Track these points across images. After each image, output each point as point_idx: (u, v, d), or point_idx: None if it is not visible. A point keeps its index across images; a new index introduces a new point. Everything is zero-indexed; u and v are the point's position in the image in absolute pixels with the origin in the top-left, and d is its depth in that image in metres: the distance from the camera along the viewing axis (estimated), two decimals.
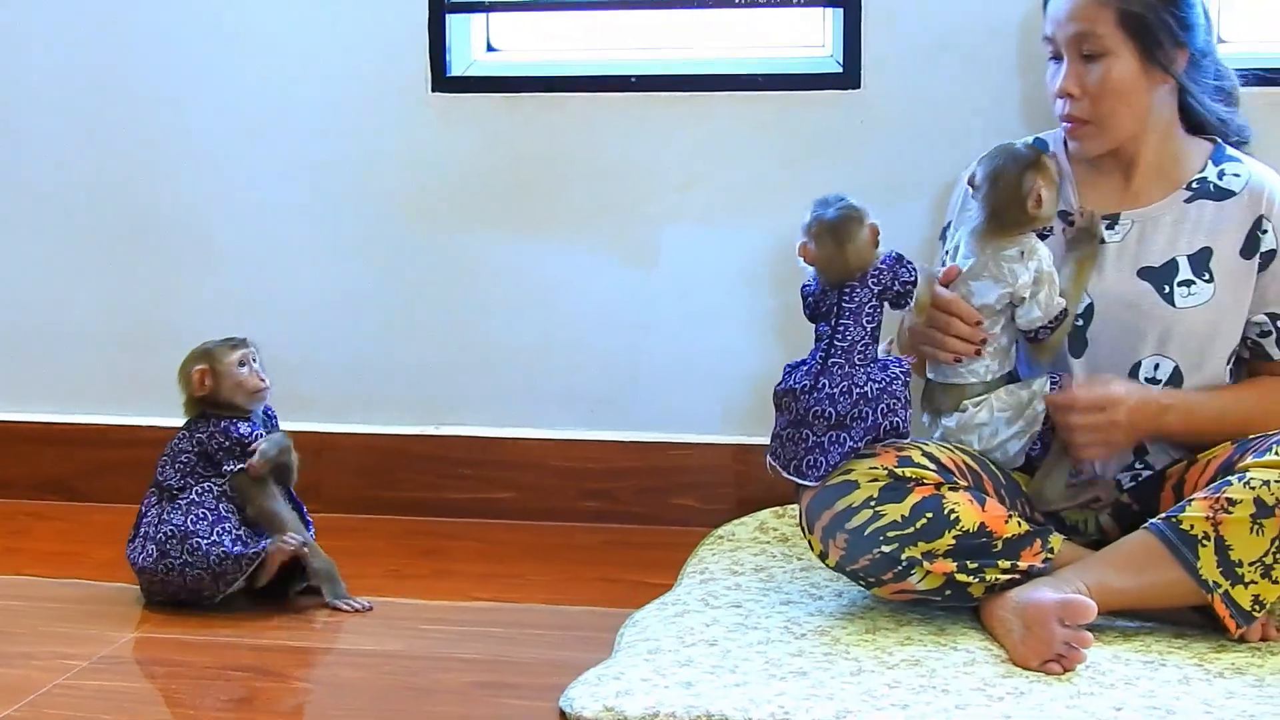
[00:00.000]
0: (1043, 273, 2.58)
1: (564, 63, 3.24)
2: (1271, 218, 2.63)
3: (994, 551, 2.44)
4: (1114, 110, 2.61)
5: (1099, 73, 2.59)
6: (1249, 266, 2.63)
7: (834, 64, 3.11)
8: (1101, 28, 2.57)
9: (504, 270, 3.24)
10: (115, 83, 3.33)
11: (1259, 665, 2.32)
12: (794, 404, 2.53)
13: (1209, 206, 2.65)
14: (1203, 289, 2.62)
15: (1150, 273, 2.64)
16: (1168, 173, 2.69)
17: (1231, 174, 2.67)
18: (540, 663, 2.45)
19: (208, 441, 2.75)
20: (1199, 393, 2.62)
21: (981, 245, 2.61)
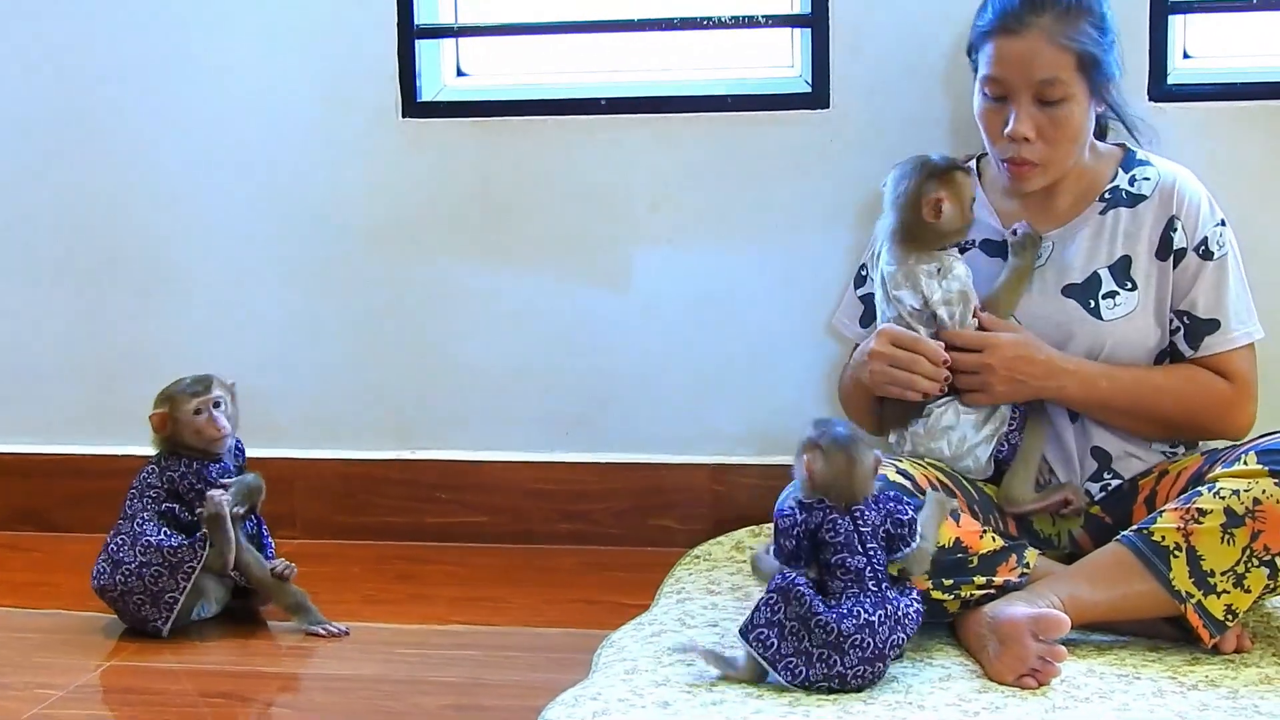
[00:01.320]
0: (954, 294, 2.61)
1: (534, 86, 3.26)
2: (1181, 216, 2.66)
3: (970, 568, 2.45)
4: (1068, 153, 2.65)
5: (1060, 118, 2.60)
6: (1164, 267, 2.67)
7: (803, 84, 3.13)
8: (1063, 73, 2.59)
9: (475, 294, 3.25)
10: (79, 113, 3.34)
11: (1232, 677, 2.33)
12: (867, 638, 2.28)
13: (1124, 214, 2.69)
14: (1127, 298, 2.66)
15: (1074, 289, 2.68)
16: (1083, 188, 2.72)
17: (1142, 178, 2.70)
18: (517, 685, 2.46)
19: (179, 481, 2.77)
20: (1116, 367, 2.64)
21: (902, 255, 2.64)
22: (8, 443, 3.46)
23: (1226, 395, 2.66)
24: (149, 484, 2.78)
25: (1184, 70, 3.02)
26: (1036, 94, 2.60)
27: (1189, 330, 2.67)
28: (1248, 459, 2.42)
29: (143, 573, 2.69)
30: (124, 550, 2.71)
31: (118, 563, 2.70)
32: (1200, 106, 2.98)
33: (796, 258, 3.14)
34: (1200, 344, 2.66)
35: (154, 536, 2.70)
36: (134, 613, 2.71)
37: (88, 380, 3.42)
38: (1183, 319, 2.67)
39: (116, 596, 2.71)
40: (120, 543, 2.72)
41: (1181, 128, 2.96)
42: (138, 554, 2.69)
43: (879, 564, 2.32)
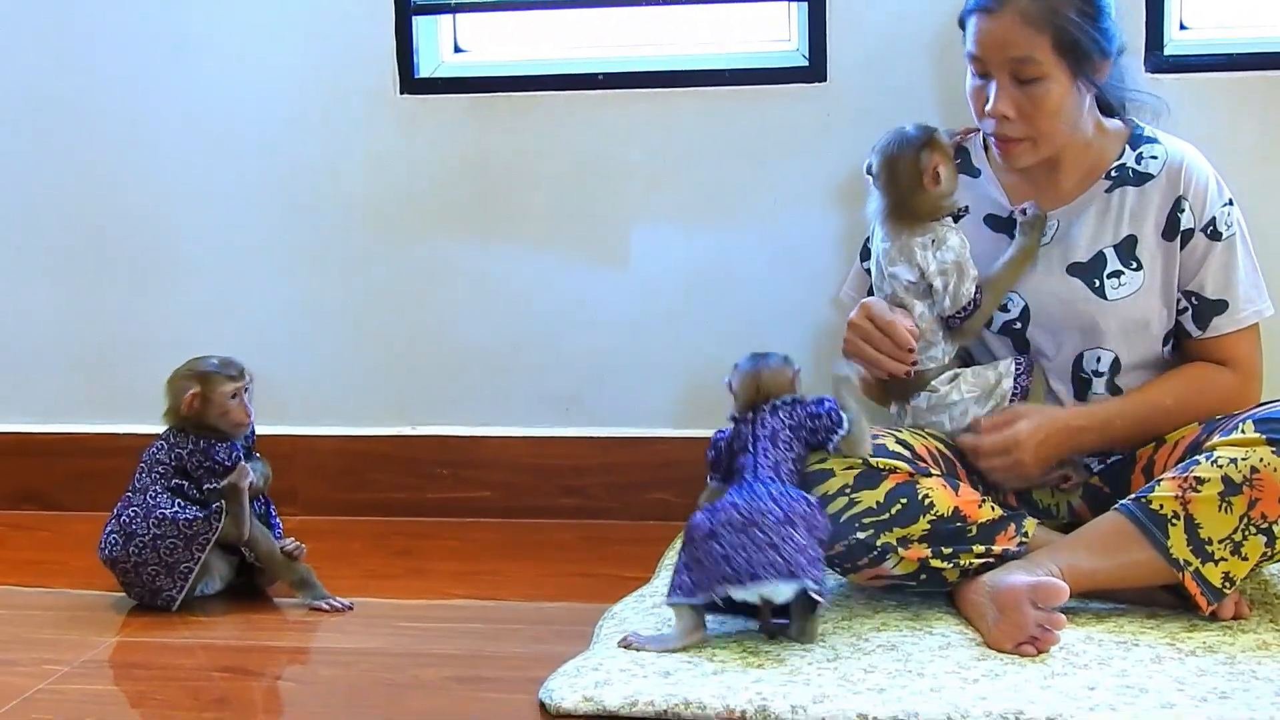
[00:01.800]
0: (949, 264, 2.62)
1: (531, 62, 3.26)
2: (1189, 196, 2.67)
3: (968, 536, 2.47)
4: (1050, 129, 2.64)
5: (1037, 96, 2.61)
6: (1171, 248, 2.67)
7: (800, 58, 3.14)
8: (1038, 53, 2.59)
9: (474, 271, 3.26)
10: (75, 95, 3.34)
11: (1230, 643, 2.35)
12: (733, 514, 2.37)
13: (1130, 193, 2.69)
14: (1132, 278, 2.66)
15: (1079, 268, 2.68)
16: (1088, 165, 2.72)
17: (1149, 156, 2.70)
18: (519, 657, 2.47)
19: (187, 459, 2.78)
20: (1117, 401, 2.66)
21: (896, 231, 2.65)
22: (8, 423, 3.47)
23: (1233, 389, 2.67)
24: (158, 459, 2.79)
25: (1181, 41, 3.03)
26: (1013, 73, 2.61)
27: (1197, 311, 2.67)
28: (1245, 427, 2.43)
29: (157, 544, 2.70)
30: (137, 522, 2.72)
31: (131, 534, 2.72)
32: (1197, 78, 2.98)
33: (794, 232, 3.15)
34: (1209, 325, 2.67)
35: (168, 509, 2.72)
36: (147, 584, 2.73)
37: (87, 360, 3.43)
38: (1191, 300, 2.68)
39: (129, 568, 2.73)
40: (133, 515, 2.74)
41: (1179, 99, 2.95)
42: (151, 526, 2.71)
43: (765, 462, 2.46)
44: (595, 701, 2.20)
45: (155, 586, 2.73)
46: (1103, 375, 2.69)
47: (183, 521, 2.71)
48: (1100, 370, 2.69)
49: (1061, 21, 2.57)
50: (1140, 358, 2.69)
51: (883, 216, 2.67)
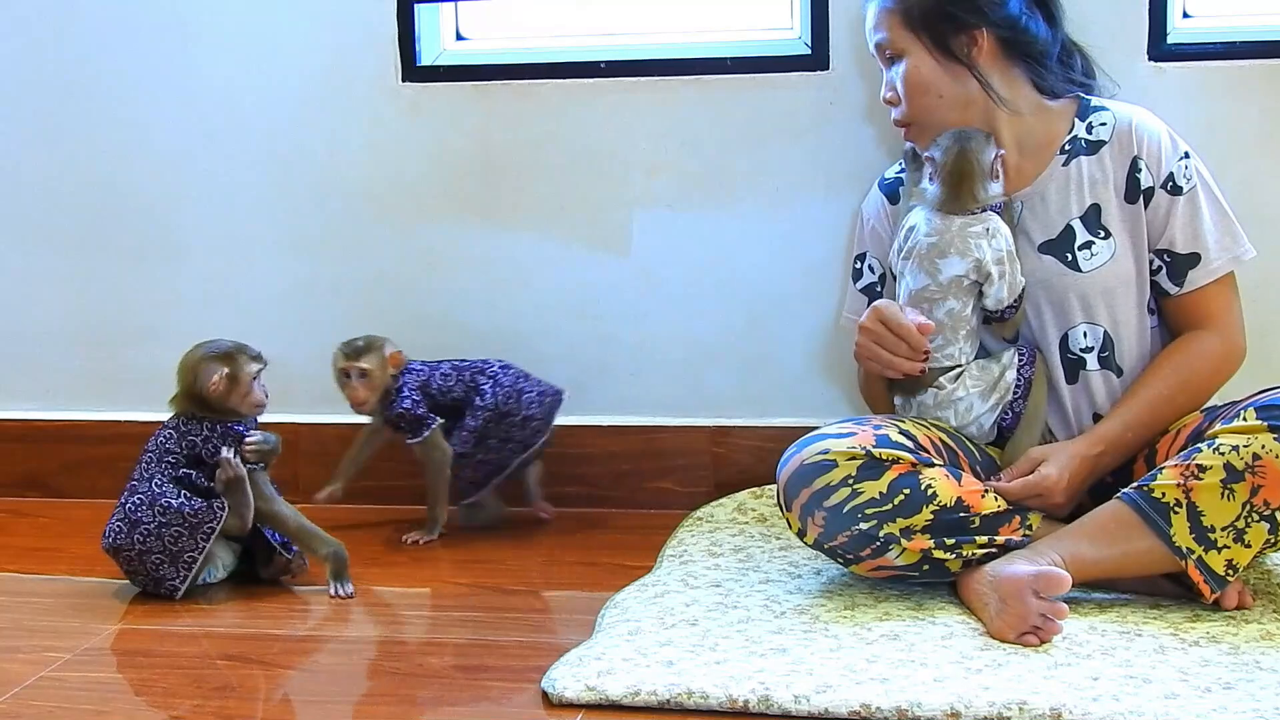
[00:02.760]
0: (1004, 254, 2.62)
1: (533, 50, 3.25)
2: (1144, 155, 2.67)
3: (972, 527, 2.47)
4: (924, 106, 2.69)
5: (903, 74, 2.68)
6: (1135, 210, 2.67)
7: (802, 46, 3.13)
8: (892, 32, 2.68)
9: (475, 259, 3.26)
10: (77, 80, 3.34)
11: (1233, 634, 2.35)
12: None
13: (1086, 162, 2.69)
14: (1102, 247, 2.67)
15: (1050, 245, 2.69)
16: (1039, 145, 2.72)
17: (1099, 124, 2.71)
18: (521, 646, 2.47)
19: (201, 445, 2.78)
20: (1121, 409, 2.65)
21: (946, 222, 2.65)
22: (9, 409, 3.47)
23: (1218, 353, 2.67)
24: (167, 448, 2.79)
25: (1184, 30, 3.02)
26: (886, 55, 2.71)
27: (1171, 268, 2.67)
28: (1247, 415, 2.42)
29: (162, 533, 2.70)
30: (141, 510, 2.72)
31: (135, 523, 2.71)
32: (1200, 66, 2.98)
33: (795, 220, 3.15)
34: (1184, 279, 2.67)
35: (173, 499, 2.72)
36: (151, 572, 2.72)
37: (88, 346, 3.43)
38: (1163, 258, 2.68)
39: (134, 556, 2.72)
40: (137, 503, 2.73)
41: (1182, 88, 2.96)
42: (156, 515, 2.71)
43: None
44: (598, 691, 2.20)
45: (159, 575, 2.72)
46: (1093, 351, 2.69)
47: (187, 511, 2.71)
48: (1090, 346, 2.69)
49: (911, 0, 2.66)
50: (1128, 327, 2.69)
51: (935, 205, 2.67)
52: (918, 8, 2.65)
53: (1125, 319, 2.68)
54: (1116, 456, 2.63)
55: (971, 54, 2.66)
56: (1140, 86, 2.88)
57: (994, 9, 2.66)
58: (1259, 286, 2.79)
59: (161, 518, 2.71)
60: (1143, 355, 2.70)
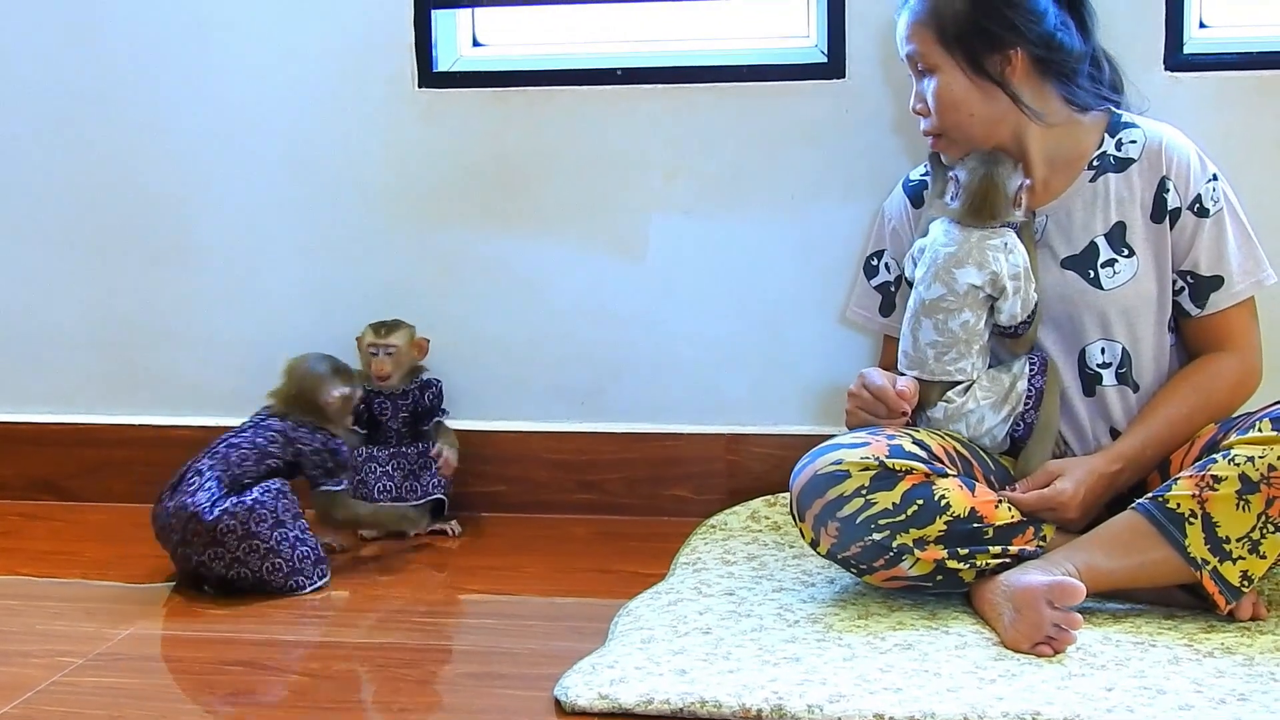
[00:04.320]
0: (1020, 269, 2.62)
1: (550, 57, 3.25)
2: (1172, 176, 2.66)
3: (985, 538, 2.46)
4: (955, 121, 2.67)
5: (933, 88, 2.67)
6: (1161, 230, 2.66)
7: (818, 54, 3.13)
8: (925, 47, 2.66)
9: (491, 263, 3.26)
10: (96, 83, 3.34)
11: (1248, 645, 2.34)
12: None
13: (1113, 180, 2.68)
14: (1125, 265, 2.66)
15: (1073, 261, 2.68)
16: (1067, 159, 2.71)
17: (1129, 141, 2.70)
18: (534, 653, 2.46)
19: (309, 455, 2.87)
20: (1140, 427, 2.64)
21: (965, 234, 2.64)
22: (25, 412, 3.47)
23: (1238, 374, 2.67)
24: (268, 451, 2.85)
25: (1200, 40, 3.02)
26: (916, 68, 2.70)
27: (1194, 290, 2.67)
28: (1262, 425, 2.41)
29: (267, 556, 2.75)
30: (261, 526, 2.75)
31: (251, 533, 2.74)
32: (1216, 76, 2.97)
33: (811, 227, 3.14)
34: (1207, 302, 2.66)
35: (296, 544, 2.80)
36: (226, 569, 2.75)
37: (104, 350, 3.43)
38: (1186, 279, 2.67)
39: (224, 552, 2.74)
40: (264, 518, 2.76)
41: (1198, 98, 2.96)
42: (273, 538, 2.76)
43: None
44: (610, 699, 2.19)
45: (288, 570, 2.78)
46: (1110, 367, 2.68)
47: (299, 554, 2.79)
48: (1108, 362, 2.68)
49: (945, 15, 2.64)
50: (1146, 344, 2.68)
51: (956, 216, 2.66)
52: (953, 25, 2.63)
53: (1144, 336, 2.68)
54: (1134, 474, 2.62)
55: (1005, 73, 2.64)
56: (1157, 96, 2.86)
57: (1030, 28, 2.64)
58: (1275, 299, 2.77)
59: (274, 544, 2.75)
60: (1160, 372, 2.69)
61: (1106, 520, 2.50)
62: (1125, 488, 2.62)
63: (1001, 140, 2.68)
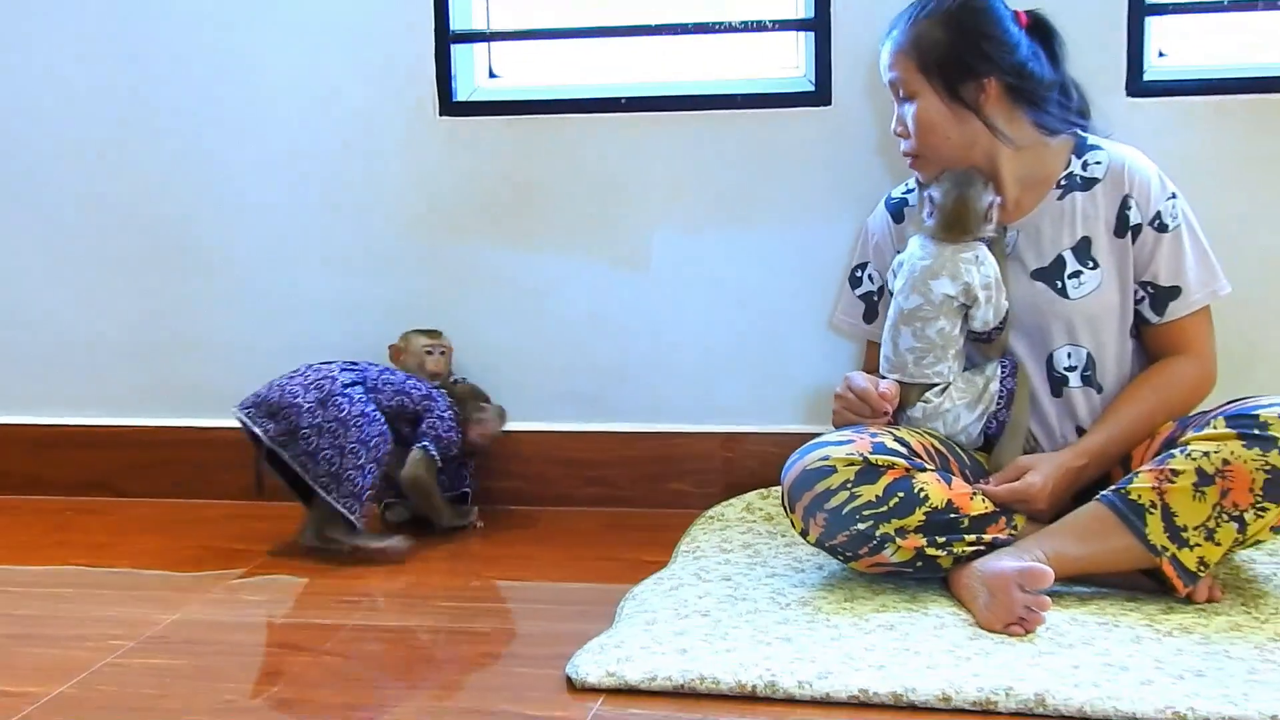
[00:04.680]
0: (991, 280, 2.63)
1: (560, 87, 3.26)
2: (1134, 194, 2.67)
3: (961, 527, 2.47)
4: (931, 144, 2.68)
5: (912, 112, 2.67)
6: (1123, 244, 2.67)
7: (807, 83, 3.14)
8: (907, 74, 2.67)
9: (506, 277, 3.27)
10: (139, 110, 3.35)
11: (1205, 625, 2.35)
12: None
13: (1079, 198, 2.69)
14: (1090, 276, 2.66)
15: (1042, 272, 2.69)
16: (1037, 179, 2.72)
17: (1094, 162, 2.70)
18: (547, 635, 2.48)
19: (434, 416, 3.06)
20: (1104, 425, 2.65)
21: (940, 248, 2.66)
22: (78, 416, 3.49)
23: (1194, 377, 2.68)
24: (406, 391, 3.04)
25: (1159, 68, 3.03)
26: (897, 93, 2.70)
27: (1153, 299, 2.68)
28: (1217, 423, 2.43)
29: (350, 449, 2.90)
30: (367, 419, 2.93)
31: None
32: (1175, 101, 2.98)
33: (801, 243, 3.15)
34: (1165, 310, 2.67)
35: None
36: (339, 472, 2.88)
37: (147, 359, 3.44)
38: (1147, 289, 2.68)
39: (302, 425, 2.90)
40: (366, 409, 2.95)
41: (1158, 122, 2.97)
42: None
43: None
44: (617, 676, 2.21)
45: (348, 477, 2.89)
46: (1076, 370, 2.69)
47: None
48: (1073, 365, 2.69)
49: (925, 45, 2.64)
50: (1109, 350, 2.69)
51: (929, 235, 2.67)
52: (932, 54, 2.64)
53: (1107, 342, 2.69)
54: (1098, 468, 2.63)
55: (979, 100, 2.65)
56: (1119, 120, 2.87)
57: (1003, 58, 2.65)
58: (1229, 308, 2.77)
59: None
60: (1122, 375, 2.71)
61: (1073, 510, 2.51)
62: (1090, 481, 2.62)
63: (975, 161, 2.69)
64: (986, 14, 2.66)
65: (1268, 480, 2.36)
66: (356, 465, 2.87)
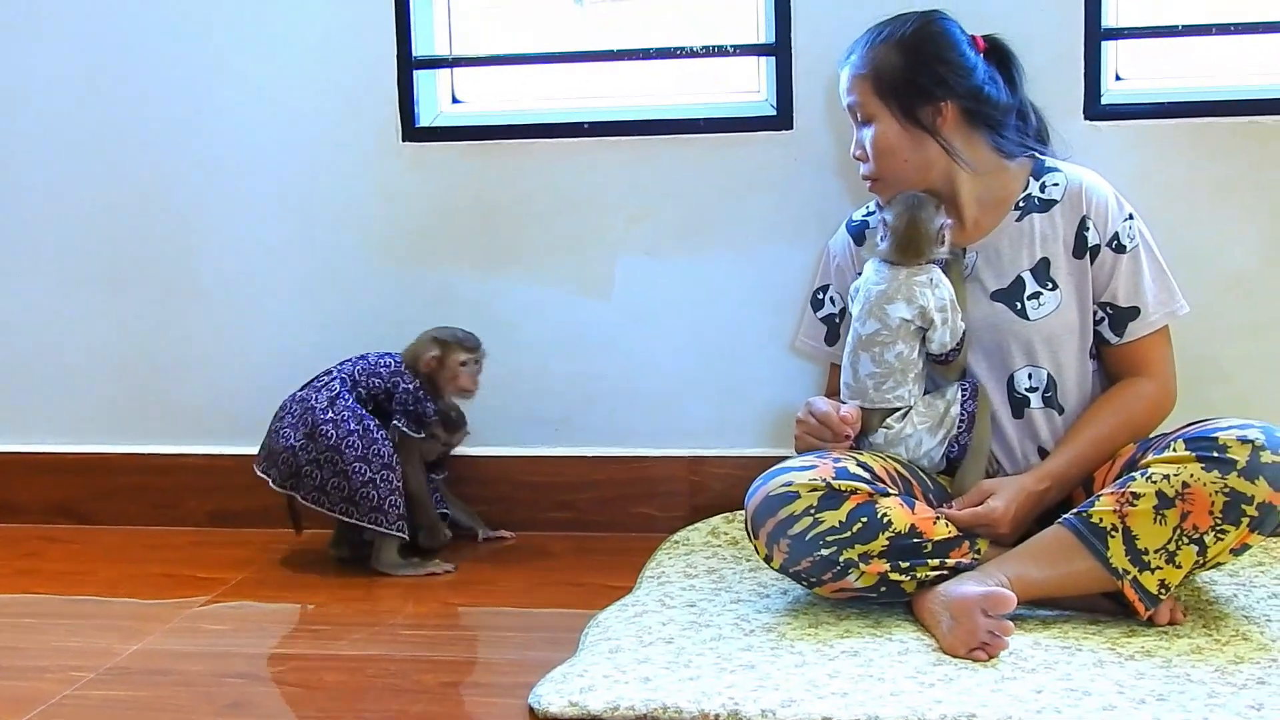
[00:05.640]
0: (946, 302, 2.60)
1: (522, 112, 3.23)
2: (1091, 215, 2.65)
3: (924, 552, 2.44)
4: (889, 166, 2.66)
5: (872, 137, 2.65)
6: (1082, 265, 2.65)
7: (768, 108, 3.11)
8: (864, 98, 2.65)
9: (471, 301, 3.23)
10: (109, 136, 3.31)
11: (1166, 648, 2.31)
12: None
13: (1038, 219, 2.67)
14: (1049, 297, 2.64)
15: (1001, 294, 2.66)
16: (995, 201, 2.70)
17: (1051, 184, 2.68)
18: (510, 663, 2.44)
19: (400, 393, 2.99)
20: (1066, 448, 2.62)
21: (894, 272, 2.63)
22: (44, 442, 3.43)
23: (1154, 397, 2.65)
24: (377, 372, 3.00)
25: (1116, 91, 3.01)
26: (856, 117, 2.68)
27: (1113, 319, 2.65)
28: (1176, 446, 2.40)
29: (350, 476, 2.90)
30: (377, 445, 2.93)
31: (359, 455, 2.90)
32: (1132, 125, 2.96)
33: (763, 266, 3.12)
34: (1124, 330, 2.65)
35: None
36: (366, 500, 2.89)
37: (117, 382, 3.39)
38: (1106, 310, 2.66)
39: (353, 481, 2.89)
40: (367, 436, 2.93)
41: (1115, 144, 2.95)
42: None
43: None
44: (580, 706, 2.16)
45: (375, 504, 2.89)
46: (1037, 391, 2.66)
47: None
48: (1034, 387, 2.66)
49: (882, 69, 2.63)
50: (1069, 371, 2.67)
51: (883, 259, 2.64)
52: (888, 78, 2.62)
53: (1068, 363, 2.66)
54: (1060, 491, 2.60)
55: (936, 123, 2.63)
56: (1077, 143, 2.85)
57: (959, 82, 2.63)
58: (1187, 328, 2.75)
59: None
60: (1083, 396, 2.68)
61: (1035, 534, 2.48)
62: (1053, 504, 2.59)
63: (933, 183, 2.66)
64: (943, 39, 2.64)
65: (1227, 503, 2.33)
66: (365, 481, 2.87)
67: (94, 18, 3.29)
